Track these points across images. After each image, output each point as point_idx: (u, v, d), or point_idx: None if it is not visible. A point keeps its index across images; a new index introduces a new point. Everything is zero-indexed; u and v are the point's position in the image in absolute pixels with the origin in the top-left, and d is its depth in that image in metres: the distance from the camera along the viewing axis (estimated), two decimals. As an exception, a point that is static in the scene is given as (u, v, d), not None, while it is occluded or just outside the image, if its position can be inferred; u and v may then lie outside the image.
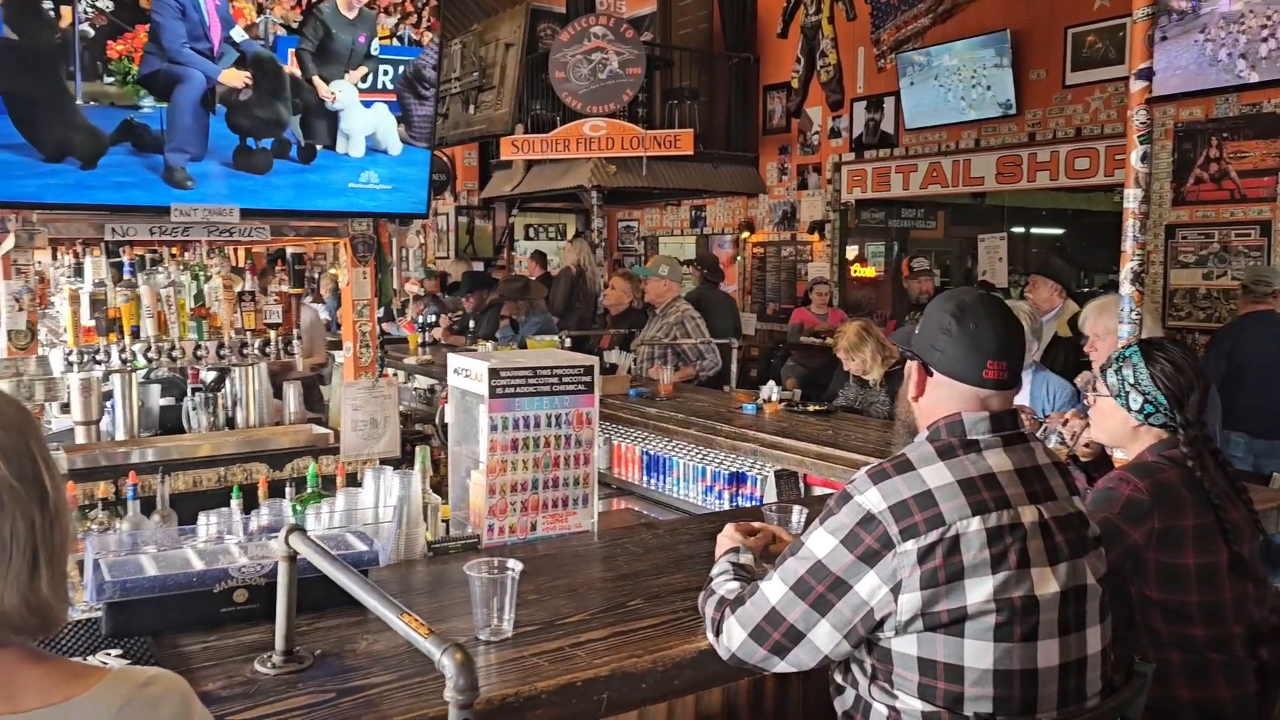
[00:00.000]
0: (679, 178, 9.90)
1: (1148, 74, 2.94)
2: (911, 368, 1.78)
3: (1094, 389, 2.35)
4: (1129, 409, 2.21)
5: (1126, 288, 2.98)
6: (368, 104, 3.55)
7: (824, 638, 1.59)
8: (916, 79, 8.61)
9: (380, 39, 3.57)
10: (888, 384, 4.65)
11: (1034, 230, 12.77)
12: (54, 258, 5.54)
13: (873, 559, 1.55)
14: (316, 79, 3.43)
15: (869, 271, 10.66)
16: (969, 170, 8.57)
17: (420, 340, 7.09)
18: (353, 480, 2.65)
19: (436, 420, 4.50)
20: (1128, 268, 2.98)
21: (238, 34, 3.29)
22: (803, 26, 9.79)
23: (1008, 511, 1.58)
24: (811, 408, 4.62)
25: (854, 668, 1.67)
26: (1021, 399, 3.56)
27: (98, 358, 3.27)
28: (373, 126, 3.58)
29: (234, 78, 3.27)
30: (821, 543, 1.61)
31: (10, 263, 3.02)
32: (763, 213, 10.76)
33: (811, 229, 10.08)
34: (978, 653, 1.54)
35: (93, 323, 3.28)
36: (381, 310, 4.84)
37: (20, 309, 3.03)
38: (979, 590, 1.53)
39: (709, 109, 10.64)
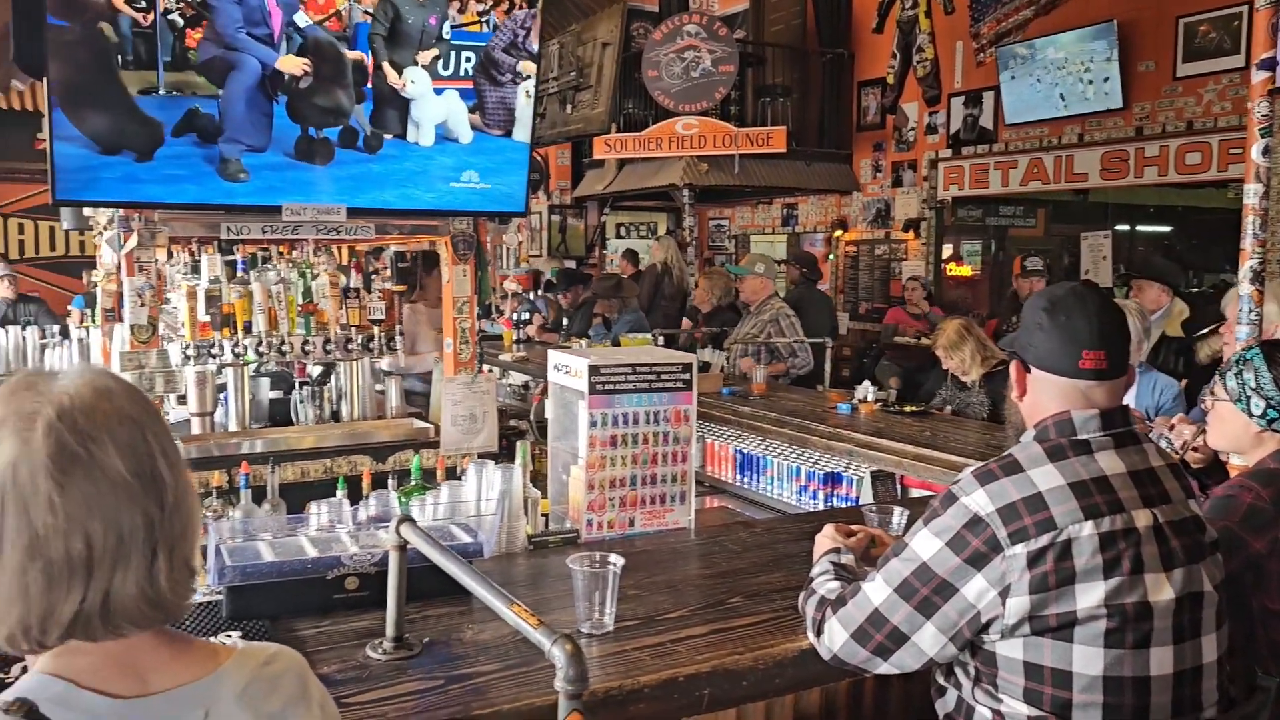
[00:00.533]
0: (771, 176, 9.84)
1: (1270, 64, 2.81)
2: (1013, 368, 1.75)
3: (1212, 393, 2.26)
4: (1250, 414, 2.12)
5: (1245, 287, 2.86)
6: (439, 91, 3.47)
7: (929, 640, 1.57)
8: (1017, 72, 8.40)
9: (468, 25, 3.49)
10: (987, 384, 4.55)
11: (1140, 228, 12.31)
12: (169, 256, 5.78)
13: (980, 562, 1.53)
14: (387, 65, 3.36)
15: (965, 270, 10.44)
16: (1072, 166, 8.33)
17: (515, 337, 7.19)
18: (451, 474, 2.71)
19: (531, 416, 4.57)
20: (1247, 266, 2.86)
21: (301, 19, 3.20)
22: (899, 21, 9.65)
23: (1121, 516, 1.54)
24: (908, 408, 4.55)
25: (957, 670, 1.65)
26: (1128, 399, 3.45)
27: (213, 351, 3.41)
28: (443, 114, 3.50)
29: (292, 65, 3.18)
30: (926, 544, 1.59)
31: (134, 260, 3.17)
32: (856, 210, 10.62)
33: (906, 227, 9.92)
34: (1087, 659, 1.51)
35: (208, 318, 3.42)
36: (479, 308, 4.93)
37: (143, 304, 3.18)
38: (1090, 596, 1.50)
39: (802, 106, 10.55)
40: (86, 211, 4.27)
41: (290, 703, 1.06)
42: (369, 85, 3.38)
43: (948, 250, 10.16)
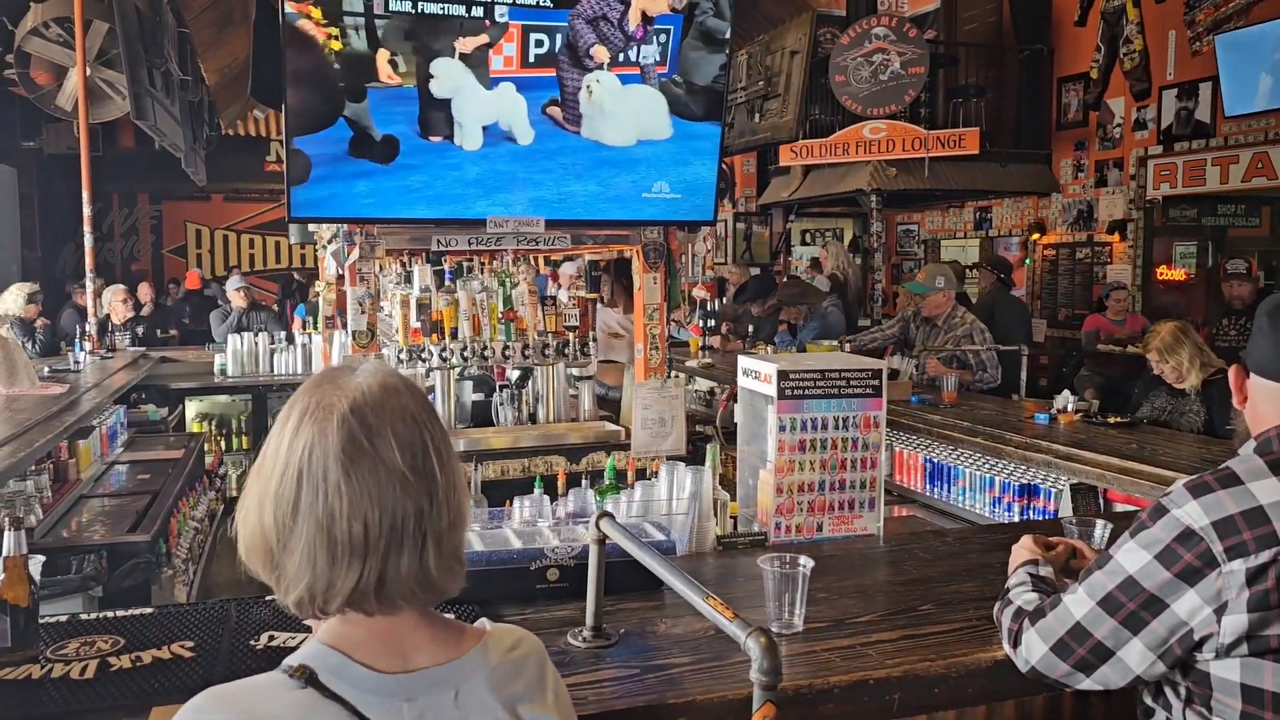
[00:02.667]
0: (963, 178, 9.55)
1: None
2: (1232, 372, 1.68)
3: None
4: None
5: None
6: (494, 82, 2.99)
7: (1136, 657, 1.52)
8: (1239, 61, 7.82)
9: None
10: (1205, 393, 4.25)
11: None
12: (380, 268, 6.20)
13: (1193, 577, 1.47)
14: (380, 58, 2.84)
15: (1177, 274, 9.78)
16: (1303, 160, 7.69)
17: (701, 344, 7.28)
18: (641, 475, 2.79)
19: (717, 421, 4.63)
20: None
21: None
22: (1103, 13, 9.18)
23: (1354, 535, 1.44)
24: (1112, 419, 4.33)
25: (1167, 689, 1.58)
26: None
27: (422, 356, 3.64)
28: (493, 114, 3.01)
29: None
30: (1133, 557, 1.53)
31: (356, 272, 3.43)
32: (1055, 213, 10.15)
33: (1111, 229, 9.40)
34: (1315, 686, 1.42)
35: (419, 324, 3.65)
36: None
37: (363, 312, 3.43)
38: (1318, 618, 1.41)
39: (996, 105, 10.20)
40: (310, 227, 4.65)
41: (530, 687, 1.15)
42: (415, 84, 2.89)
43: (1158, 253, 9.56)
